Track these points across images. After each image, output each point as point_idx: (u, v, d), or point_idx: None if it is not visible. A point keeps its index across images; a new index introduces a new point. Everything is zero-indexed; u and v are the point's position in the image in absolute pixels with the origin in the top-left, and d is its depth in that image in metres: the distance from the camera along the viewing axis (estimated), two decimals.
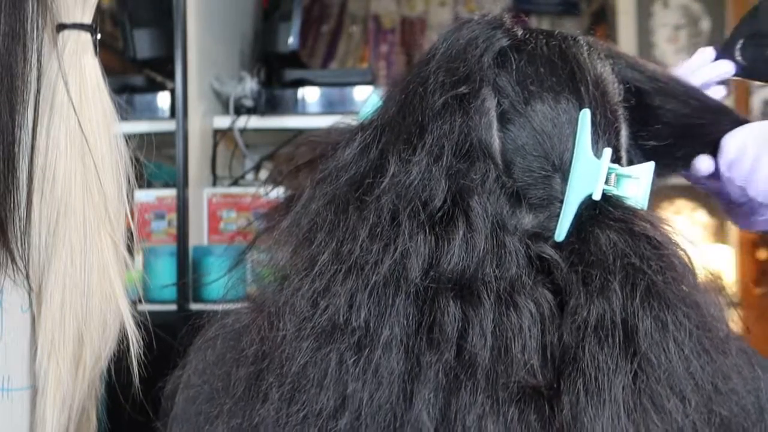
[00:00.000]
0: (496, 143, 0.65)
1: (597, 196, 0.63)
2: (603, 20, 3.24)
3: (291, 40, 1.86)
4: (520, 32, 0.70)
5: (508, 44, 0.69)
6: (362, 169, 0.67)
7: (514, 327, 0.59)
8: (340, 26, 3.66)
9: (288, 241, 0.68)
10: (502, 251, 0.62)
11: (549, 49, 0.69)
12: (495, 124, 0.65)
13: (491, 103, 0.66)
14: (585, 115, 0.65)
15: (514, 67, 0.68)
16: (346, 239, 0.63)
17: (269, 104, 1.85)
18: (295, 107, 1.87)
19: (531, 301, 0.60)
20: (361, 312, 0.60)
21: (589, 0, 3.52)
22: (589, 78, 0.68)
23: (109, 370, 0.83)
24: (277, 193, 0.76)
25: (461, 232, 0.61)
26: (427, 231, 0.61)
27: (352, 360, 0.59)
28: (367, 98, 0.75)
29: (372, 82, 1.90)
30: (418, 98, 0.66)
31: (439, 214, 0.62)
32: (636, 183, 0.64)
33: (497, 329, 0.59)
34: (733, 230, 2.74)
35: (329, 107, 1.86)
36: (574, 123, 0.65)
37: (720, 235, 2.79)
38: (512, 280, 0.61)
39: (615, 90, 0.70)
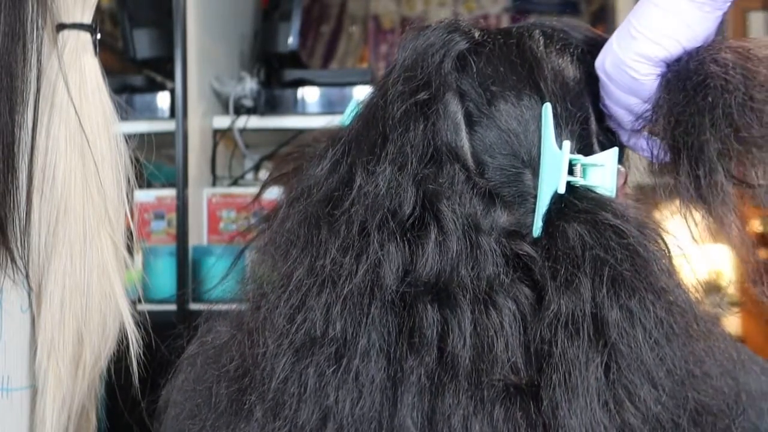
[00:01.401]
0: (465, 145, 0.66)
1: (561, 190, 0.63)
2: (603, 20, 3.24)
3: (291, 40, 1.86)
4: (477, 34, 0.71)
5: (466, 47, 0.69)
6: (332, 184, 0.67)
7: (496, 326, 0.60)
8: (340, 26, 3.65)
9: (265, 259, 0.69)
10: (477, 252, 0.62)
11: (507, 47, 0.70)
12: (463, 127, 0.66)
13: (456, 107, 0.66)
14: (546, 110, 0.65)
15: (474, 69, 0.68)
16: (319, 254, 0.64)
17: (269, 104, 1.84)
18: (294, 107, 1.87)
19: (510, 299, 0.61)
20: (337, 323, 0.60)
21: (589, 0, 3.52)
22: (547, 72, 0.68)
23: (108, 370, 0.83)
24: (274, 194, 0.77)
25: (433, 237, 0.62)
26: (399, 238, 0.62)
27: (331, 370, 0.60)
28: (349, 107, 0.76)
29: (372, 82, 1.90)
30: (380, 110, 0.67)
31: (410, 220, 0.63)
32: (601, 171, 0.64)
33: (477, 329, 0.60)
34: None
35: (329, 107, 1.86)
36: (538, 119, 0.66)
37: (719, 236, 2.79)
38: (490, 279, 0.61)
39: (576, 79, 0.70)
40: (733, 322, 0.67)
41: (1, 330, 0.76)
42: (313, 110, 1.87)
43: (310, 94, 1.87)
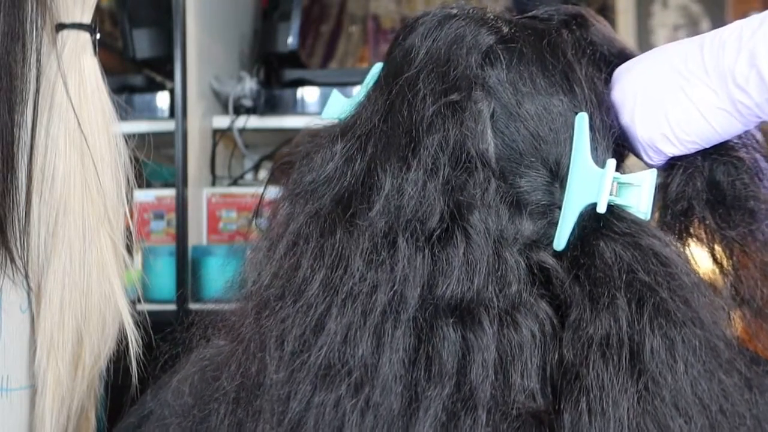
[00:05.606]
0: (491, 148, 0.62)
1: (602, 209, 0.59)
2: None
3: (290, 40, 1.85)
4: (505, 28, 0.66)
5: (495, 42, 0.64)
6: (348, 184, 0.62)
7: (515, 349, 0.57)
8: (340, 26, 3.65)
9: (267, 263, 0.64)
10: (504, 267, 0.58)
11: (538, 46, 0.65)
12: (489, 126, 0.62)
13: (484, 105, 0.62)
14: (582, 120, 0.62)
15: (503, 66, 0.63)
16: (336, 265, 0.58)
17: (268, 104, 1.84)
18: (294, 107, 1.86)
19: (532, 319, 0.58)
20: (358, 348, 0.56)
21: (589, 0, 3.52)
22: (582, 78, 0.64)
23: (108, 369, 0.83)
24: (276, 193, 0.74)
25: (461, 252, 0.58)
26: (426, 253, 0.58)
27: (351, 403, 0.55)
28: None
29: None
30: (407, 106, 0.62)
31: (437, 232, 0.58)
32: (638, 191, 0.61)
33: (498, 355, 0.56)
34: None
35: None
36: (569, 126, 0.62)
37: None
38: (513, 298, 0.58)
39: (607, 89, 0.66)
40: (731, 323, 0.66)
41: (0, 330, 0.76)
42: (312, 110, 1.86)
43: (309, 94, 1.87)
